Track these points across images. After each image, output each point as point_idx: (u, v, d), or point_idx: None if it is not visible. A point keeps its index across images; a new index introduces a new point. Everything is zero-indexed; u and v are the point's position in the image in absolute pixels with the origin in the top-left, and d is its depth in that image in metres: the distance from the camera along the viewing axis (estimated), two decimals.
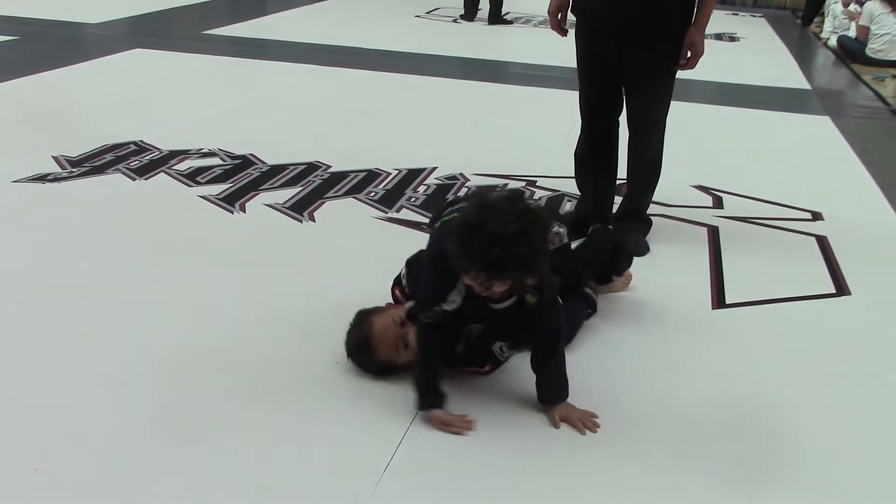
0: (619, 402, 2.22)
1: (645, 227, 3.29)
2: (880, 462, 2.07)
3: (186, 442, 1.97)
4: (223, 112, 4.86)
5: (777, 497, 1.93)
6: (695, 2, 2.99)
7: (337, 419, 2.09)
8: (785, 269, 3.15)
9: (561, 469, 1.95)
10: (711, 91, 6.23)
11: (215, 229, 3.22)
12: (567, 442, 2.05)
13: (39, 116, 4.56)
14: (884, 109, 6.16)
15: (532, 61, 6.98)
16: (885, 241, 3.52)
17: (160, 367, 2.26)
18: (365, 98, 5.42)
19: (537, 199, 3.67)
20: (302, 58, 6.43)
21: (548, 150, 4.27)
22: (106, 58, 6.07)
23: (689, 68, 3.06)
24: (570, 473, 1.94)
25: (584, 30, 3.12)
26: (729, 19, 10.67)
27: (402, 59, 6.62)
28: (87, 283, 2.72)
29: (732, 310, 2.81)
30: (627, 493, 1.89)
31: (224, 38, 7.15)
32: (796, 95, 6.38)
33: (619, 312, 2.73)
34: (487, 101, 5.53)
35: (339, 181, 3.76)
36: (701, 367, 2.43)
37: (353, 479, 1.88)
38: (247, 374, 2.25)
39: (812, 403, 2.29)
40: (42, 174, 3.62)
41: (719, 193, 3.89)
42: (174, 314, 2.55)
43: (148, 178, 3.69)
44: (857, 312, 2.85)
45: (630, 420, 2.15)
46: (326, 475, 1.89)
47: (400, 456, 1.96)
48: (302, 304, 2.63)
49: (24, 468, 1.85)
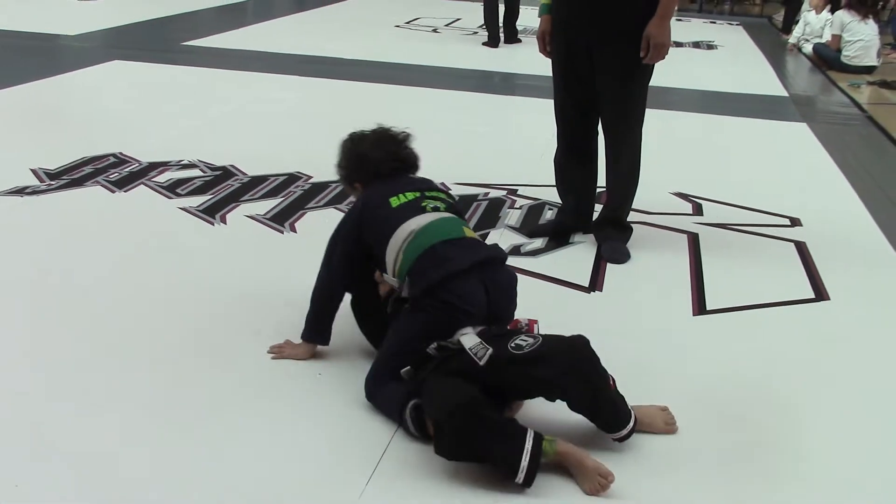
0: None
1: (625, 234, 3.31)
2: (865, 465, 2.09)
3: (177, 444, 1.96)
4: (203, 123, 4.84)
5: (762, 501, 1.93)
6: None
7: (318, 431, 2.08)
8: (764, 274, 3.17)
9: (547, 472, 1.95)
10: (690, 98, 6.29)
11: (196, 241, 3.20)
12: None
13: (17, 129, 4.52)
14: (860, 116, 6.23)
15: (513, 70, 7.02)
16: (862, 245, 3.55)
17: (144, 374, 2.25)
18: (346, 108, 5.41)
19: (518, 208, 3.68)
20: (282, 69, 6.42)
21: (529, 158, 4.28)
22: (84, 70, 6.04)
23: (654, 61, 3.01)
24: (554, 477, 1.94)
25: (557, 37, 3.15)
26: (706, 27, 10.76)
27: (382, 70, 6.63)
28: (66, 296, 2.70)
29: (713, 316, 2.82)
30: (612, 496, 1.90)
31: (203, 50, 7.13)
32: (774, 102, 6.44)
33: (598, 320, 2.74)
34: (468, 111, 5.55)
35: (320, 192, 3.76)
36: (682, 374, 2.44)
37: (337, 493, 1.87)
38: (230, 384, 2.24)
39: (795, 408, 2.31)
40: (20, 187, 3.60)
41: (699, 200, 3.92)
42: (154, 327, 2.53)
43: (128, 190, 3.67)
44: (836, 317, 2.88)
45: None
46: (310, 485, 1.89)
47: (385, 463, 1.96)
48: (284, 314, 2.62)
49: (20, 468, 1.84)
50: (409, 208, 2.27)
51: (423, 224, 2.22)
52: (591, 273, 3.09)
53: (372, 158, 2.43)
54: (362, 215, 2.32)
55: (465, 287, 2.12)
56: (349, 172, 2.50)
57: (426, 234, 2.20)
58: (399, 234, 2.21)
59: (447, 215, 2.30)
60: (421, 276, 2.14)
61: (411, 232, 2.20)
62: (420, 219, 2.23)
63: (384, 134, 2.49)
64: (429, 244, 2.17)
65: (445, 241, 2.19)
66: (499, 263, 2.26)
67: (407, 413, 2.04)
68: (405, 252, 2.19)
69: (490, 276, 2.18)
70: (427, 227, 2.21)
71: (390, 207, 2.27)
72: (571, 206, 3.40)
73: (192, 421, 2.09)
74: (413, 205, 2.28)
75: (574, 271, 3.08)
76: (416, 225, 2.21)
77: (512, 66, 7.16)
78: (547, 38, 3.20)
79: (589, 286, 2.99)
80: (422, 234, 2.20)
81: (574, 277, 3.04)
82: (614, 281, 3.03)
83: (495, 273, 2.21)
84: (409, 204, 2.29)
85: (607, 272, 3.10)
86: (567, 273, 3.06)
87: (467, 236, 2.26)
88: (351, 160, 2.48)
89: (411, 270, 2.16)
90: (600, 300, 2.91)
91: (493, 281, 2.18)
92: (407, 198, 2.30)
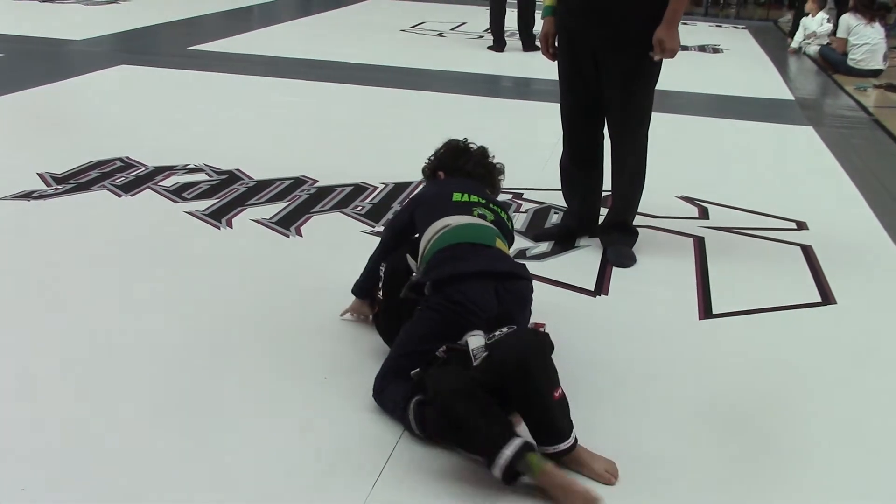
0: (607, 414, 2.23)
1: (631, 238, 3.30)
2: (873, 468, 2.08)
3: (181, 445, 1.97)
4: (209, 128, 4.85)
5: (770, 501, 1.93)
6: (667, 6, 2.94)
7: (324, 434, 2.08)
8: (771, 278, 3.16)
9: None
10: (695, 102, 6.28)
11: (202, 245, 3.21)
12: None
13: (24, 133, 4.54)
14: (866, 119, 6.22)
15: (518, 74, 7.02)
16: (869, 249, 3.54)
17: (149, 376, 2.26)
18: (351, 113, 5.43)
19: (524, 212, 3.68)
20: (288, 73, 6.43)
21: (534, 162, 4.28)
22: (91, 74, 6.06)
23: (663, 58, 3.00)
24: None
25: (562, 40, 3.15)
26: (712, 31, 10.75)
27: (388, 74, 6.64)
28: (74, 299, 2.70)
29: (719, 320, 2.82)
30: (619, 498, 1.90)
31: (209, 54, 7.15)
32: (780, 106, 6.42)
33: (604, 323, 2.73)
34: (474, 115, 5.55)
35: (326, 195, 3.76)
36: (689, 378, 2.44)
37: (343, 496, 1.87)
38: (234, 387, 2.25)
39: (802, 413, 2.30)
40: (27, 191, 3.61)
41: (705, 204, 3.91)
42: (160, 330, 2.54)
43: (134, 194, 3.68)
44: (843, 321, 2.87)
45: (619, 432, 2.15)
46: (316, 488, 1.89)
47: (390, 467, 1.96)
48: (289, 319, 2.62)
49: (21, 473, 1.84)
50: (461, 207, 2.38)
51: (460, 223, 2.32)
52: (597, 277, 3.09)
53: (469, 157, 2.68)
54: (425, 194, 2.52)
55: (476, 289, 2.13)
56: (442, 161, 2.68)
57: (457, 232, 2.28)
58: (438, 224, 2.32)
59: (487, 224, 2.36)
60: (434, 267, 2.21)
61: (447, 225, 2.30)
62: (461, 218, 2.34)
63: (487, 152, 2.75)
64: (454, 241, 2.25)
65: (471, 244, 2.25)
66: (515, 278, 2.25)
67: (410, 409, 2.05)
68: (434, 242, 2.28)
69: (503, 284, 2.19)
70: (461, 227, 2.30)
71: (450, 199, 2.41)
72: (577, 210, 3.40)
73: (197, 423, 2.09)
74: (466, 206, 2.39)
75: (580, 275, 3.08)
76: (455, 222, 2.31)
77: (517, 70, 7.16)
78: (550, 39, 3.20)
79: (595, 290, 2.99)
80: (453, 231, 2.28)
81: (580, 281, 3.03)
82: (620, 285, 3.03)
83: (509, 285, 2.21)
84: (464, 204, 2.40)
85: (613, 276, 3.10)
86: (573, 277, 3.06)
87: (496, 247, 2.30)
88: (451, 150, 2.71)
89: (430, 260, 2.24)
90: (606, 304, 2.90)
91: (505, 288, 2.19)
92: (468, 199, 2.42)
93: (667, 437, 2.15)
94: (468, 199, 2.43)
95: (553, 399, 1.94)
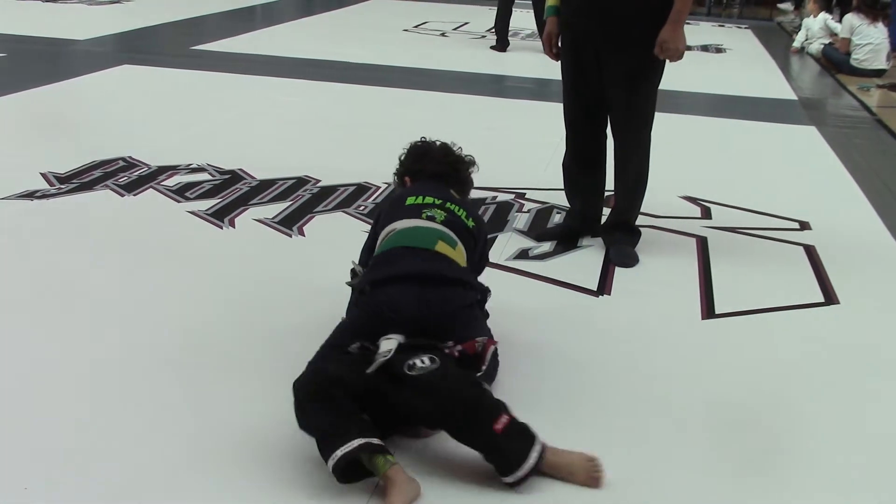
0: (611, 414, 2.23)
1: (634, 238, 3.30)
2: (877, 468, 2.08)
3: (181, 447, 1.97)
4: (212, 127, 4.86)
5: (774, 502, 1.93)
6: (671, 6, 2.94)
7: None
8: (774, 278, 3.16)
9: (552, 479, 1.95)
10: (698, 102, 6.28)
11: (204, 245, 3.21)
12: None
13: (27, 133, 4.54)
14: (869, 119, 6.21)
15: (521, 74, 7.02)
16: (872, 249, 3.54)
17: (150, 376, 2.26)
18: (354, 112, 5.43)
19: (526, 211, 3.68)
20: (290, 73, 6.44)
21: (537, 162, 4.28)
22: (94, 74, 6.06)
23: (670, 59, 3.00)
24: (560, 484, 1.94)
25: (566, 40, 3.15)
26: (715, 31, 10.75)
27: (390, 73, 6.64)
28: (75, 298, 2.71)
29: (722, 320, 2.82)
30: (620, 498, 1.90)
31: (212, 54, 7.15)
32: (783, 106, 6.42)
33: (606, 323, 2.73)
34: (476, 114, 5.55)
35: (329, 195, 3.76)
36: (692, 378, 2.44)
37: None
38: (234, 388, 2.25)
39: (805, 413, 2.30)
40: (30, 191, 3.61)
41: (707, 204, 3.91)
42: (163, 330, 2.54)
43: (136, 193, 3.68)
44: (846, 321, 2.87)
45: (623, 432, 2.15)
46: (315, 496, 1.89)
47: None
48: (292, 318, 2.62)
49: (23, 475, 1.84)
50: (411, 211, 2.35)
51: (404, 227, 2.30)
52: (600, 277, 3.08)
53: (431, 157, 2.61)
54: (384, 203, 2.54)
55: (397, 293, 2.12)
56: (405, 166, 2.65)
57: (399, 236, 2.28)
58: (388, 229, 2.32)
59: (432, 226, 2.29)
60: (369, 271, 2.25)
61: (393, 230, 2.31)
62: (407, 222, 2.31)
63: (449, 147, 2.66)
64: (394, 245, 2.26)
65: (408, 247, 2.23)
66: (446, 283, 2.18)
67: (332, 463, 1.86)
68: (378, 247, 2.32)
69: (428, 291, 2.13)
70: (404, 231, 2.28)
71: (403, 204, 2.38)
72: (579, 210, 3.40)
73: (198, 423, 2.09)
74: (416, 209, 2.35)
75: (582, 275, 3.08)
76: (400, 226, 2.30)
77: (520, 70, 7.16)
78: (554, 39, 3.20)
79: (597, 290, 2.99)
80: (395, 236, 2.29)
81: (582, 281, 3.03)
82: (623, 284, 3.03)
83: (436, 289, 2.15)
84: (415, 207, 2.36)
85: (616, 276, 3.09)
86: (575, 277, 3.06)
87: (434, 250, 2.23)
88: (412, 154, 2.66)
89: (371, 264, 2.28)
90: (609, 304, 2.90)
91: (429, 292, 2.12)
92: (420, 201, 2.38)
93: (668, 437, 2.14)
94: (420, 202, 2.37)
95: (494, 433, 1.85)
